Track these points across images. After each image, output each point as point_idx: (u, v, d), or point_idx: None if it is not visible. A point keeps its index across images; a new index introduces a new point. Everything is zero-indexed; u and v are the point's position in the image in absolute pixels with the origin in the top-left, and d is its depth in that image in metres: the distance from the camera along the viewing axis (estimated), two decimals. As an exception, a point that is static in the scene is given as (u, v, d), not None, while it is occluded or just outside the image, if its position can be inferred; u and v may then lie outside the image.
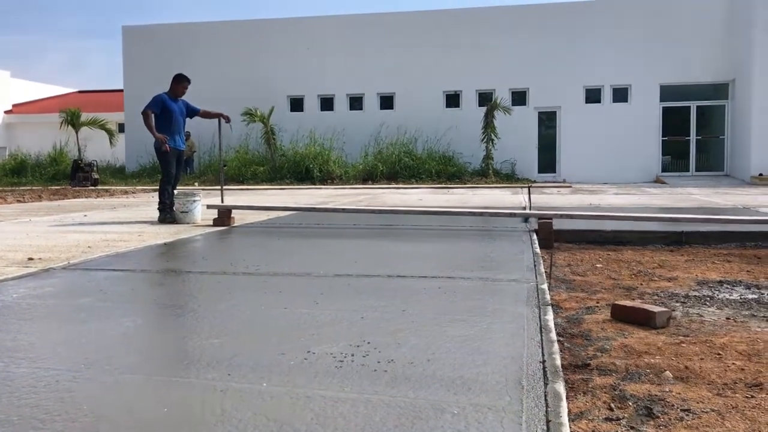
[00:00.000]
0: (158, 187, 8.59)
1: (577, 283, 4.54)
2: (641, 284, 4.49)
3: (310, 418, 1.98)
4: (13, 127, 32.81)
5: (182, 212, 8.13)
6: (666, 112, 21.82)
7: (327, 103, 23.79)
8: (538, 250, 5.62)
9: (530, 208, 10.00)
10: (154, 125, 8.18)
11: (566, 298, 4.04)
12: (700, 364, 2.70)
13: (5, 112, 33.32)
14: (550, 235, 6.35)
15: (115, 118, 26.68)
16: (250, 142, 22.41)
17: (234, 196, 13.53)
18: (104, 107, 29.25)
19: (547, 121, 22.63)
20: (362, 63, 23.01)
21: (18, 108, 33.95)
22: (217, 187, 9.57)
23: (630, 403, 2.31)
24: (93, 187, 20.06)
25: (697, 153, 22.04)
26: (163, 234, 6.96)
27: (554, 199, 12.67)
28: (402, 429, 1.90)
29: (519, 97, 22.41)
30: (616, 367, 2.69)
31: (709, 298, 4.00)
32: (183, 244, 6.36)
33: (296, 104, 23.94)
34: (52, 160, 24.98)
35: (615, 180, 20.78)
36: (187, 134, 21.34)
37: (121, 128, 25.46)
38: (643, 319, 3.33)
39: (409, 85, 22.70)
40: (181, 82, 8.49)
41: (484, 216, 8.05)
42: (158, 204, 8.34)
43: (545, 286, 3.95)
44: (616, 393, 2.41)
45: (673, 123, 21.85)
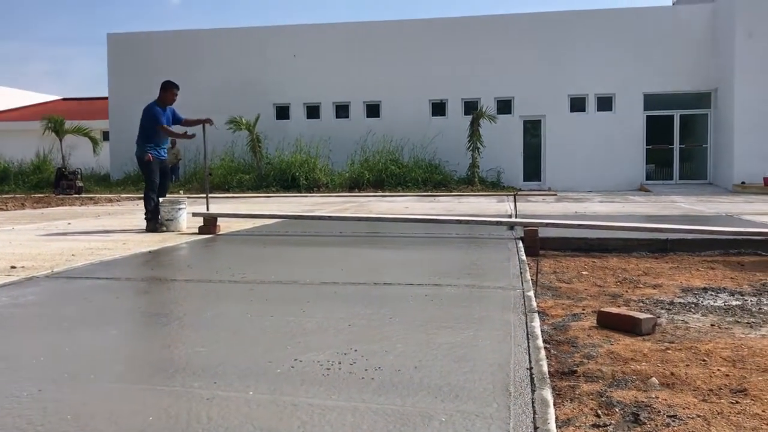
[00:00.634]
0: (143, 196, 8.47)
1: (563, 291, 4.56)
2: (627, 291, 4.52)
3: (296, 426, 1.97)
4: (-4, 135, 32.54)
5: (167, 220, 8.06)
6: (650, 121, 22.01)
7: (313, 111, 23.77)
8: (524, 257, 5.64)
9: (516, 216, 10.04)
10: (146, 134, 8.16)
11: (552, 305, 4.06)
12: (686, 371, 2.72)
13: (-12, 120, 33.03)
14: (535, 242, 6.38)
15: (99, 126, 26.49)
16: (235, 150, 22.33)
17: (219, 204, 13.47)
18: (89, 115, 29.02)
19: (533, 129, 22.75)
20: (348, 71, 23.03)
21: (1, 115, 33.64)
22: (203, 195, 9.48)
23: (617, 410, 2.32)
24: (77, 195, 19.87)
25: (680, 161, 22.23)
26: (148, 242, 6.91)
27: (540, 207, 12.72)
28: (390, 436, 1.89)
29: (504, 106, 22.52)
30: (602, 374, 2.70)
31: (693, 305, 4.03)
32: (168, 252, 6.32)
33: (282, 112, 23.90)
34: (36, 168, 24.76)
35: (600, 188, 20.91)
36: (173, 141, 21.33)
37: (106, 136, 25.28)
38: (628, 326, 3.34)
39: (395, 94, 22.75)
40: (169, 89, 8.32)
41: (470, 224, 8.07)
42: (145, 213, 8.24)
43: (531, 294, 3.96)
44: (603, 399, 2.42)
45: (656, 132, 22.04)
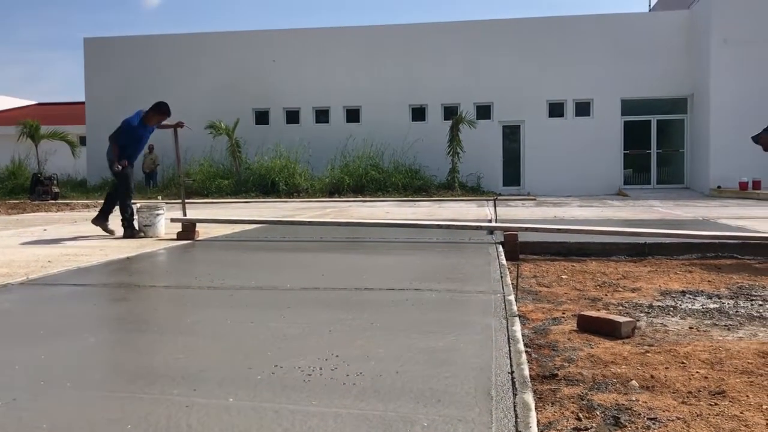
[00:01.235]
0: (119, 204, 8.16)
1: (543, 295, 4.58)
2: (606, 295, 4.55)
3: (278, 433, 1.95)
4: (-30, 140, 32.02)
5: (145, 226, 7.95)
6: (627, 126, 22.24)
7: (293, 116, 23.71)
8: (505, 261, 5.66)
9: (496, 220, 10.07)
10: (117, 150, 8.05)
11: (533, 309, 4.07)
12: (665, 373, 2.74)
13: (-39, 125, 32.48)
14: (515, 247, 6.41)
15: (75, 131, 26.17)
16: (214, 155, 22.18)
17: (198, 210, 13.37)
18: (65, 120, 28.63)
19: (512, 134, 22.88)
20: (328, 76, 23.01)
21: (-25, 121, 33.14)
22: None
23: (598, 413, 2.33)
24: (53, 201, 19.62)
25: (658, 166, 22.49)
26: (126, 248, 6.83)
27: (519, 212, 12.79)
28: (372, 442, 1.88)
29: (484, 111, 22.64)
30: (583, 377, 2.71)
31: (672, 308, 4.06)
32: (146, 258, 6.25)
33: (262, 117, 23.81)
34: (11, 173, 24.39)
35: (579, 192, 21.07)
36: (151, 147, 21.14)
37: (83, 141, 25.00)
38: (608, 330, 3.36)
39: (375, 99, 22.77)
40: (162, 113, 8.21)
41: (450, 229, 8.08)
42: (122, 221, 8.05)
43: (512, 298, 3.97)
44: (584, 403, 2.43)
45: (634, 137, 22.28)
